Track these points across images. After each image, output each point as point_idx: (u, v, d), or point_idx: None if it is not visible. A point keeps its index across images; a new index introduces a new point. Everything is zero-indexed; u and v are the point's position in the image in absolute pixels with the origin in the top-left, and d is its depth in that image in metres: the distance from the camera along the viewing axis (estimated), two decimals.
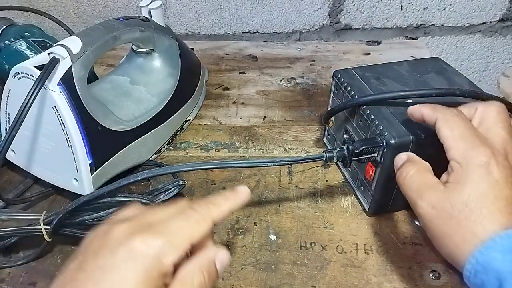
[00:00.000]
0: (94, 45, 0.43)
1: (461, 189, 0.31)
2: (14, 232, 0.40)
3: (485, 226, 0.29)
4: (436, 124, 0.34)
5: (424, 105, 0.36)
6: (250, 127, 0.59)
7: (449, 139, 0.33)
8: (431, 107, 0.35)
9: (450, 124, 0.33)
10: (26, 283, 0.40)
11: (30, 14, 0.78)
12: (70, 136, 0.41)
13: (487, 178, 0.30)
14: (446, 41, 0.84)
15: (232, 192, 0.32)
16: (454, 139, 0.32)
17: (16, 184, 0.49)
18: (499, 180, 0.30)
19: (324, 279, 0.40)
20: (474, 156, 0.31)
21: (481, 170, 0.31)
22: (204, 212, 0.29)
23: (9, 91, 0.43)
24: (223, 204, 0.30)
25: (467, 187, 0.30)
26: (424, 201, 0.32)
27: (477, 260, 0.29)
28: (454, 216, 0.30)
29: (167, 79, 0.55)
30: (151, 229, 0.26)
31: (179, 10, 0.79)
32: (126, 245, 0.25)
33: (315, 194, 0.49)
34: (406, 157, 0.36)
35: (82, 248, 0.27)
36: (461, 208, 0.30)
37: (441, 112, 0.34)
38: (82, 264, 0.26)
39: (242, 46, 0.79)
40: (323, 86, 0.68)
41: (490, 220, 0.29)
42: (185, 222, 0.27)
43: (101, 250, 0.26)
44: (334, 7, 0.79)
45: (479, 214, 0.30)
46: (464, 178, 0.31)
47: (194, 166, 0.38)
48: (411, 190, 0.34)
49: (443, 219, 0.31)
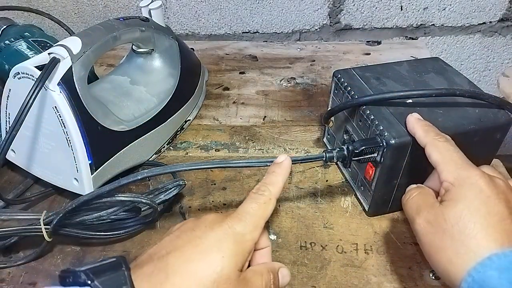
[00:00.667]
0: (94, 45, 0.43)
1: (454, 204, 0.32)
2: (14, 232, 0.40)
3: (479, 242, 0.30)
4: (426, 149, 0.36)
5: (418, 125, 0.38)
6: (250, 127, 0.59)
7: (440, 163, 0.34)
8: (424, 131, 0.37)
9: (440, 149, 0.35)
10: (26, 283, 0.40)
11: (30, 14, 0.78)
12: (70, 136, 0.41)
13: (480, 195, 0.31)
14: (446, 41, 0.84)
15: (277, 165, 0.35)
16: (444, 163, 0.34)
17: (16, 184, 0.49)
18: (491, 197, 0.31)
19: (324, 279, 0.40)
20: (466, 176, 0.32)
21: (474, 188, 0.32)
22: (267, 193, 0.33)
23: (9, 91, 0.43)
24: (277, 181, 0.34)
25: (461, 203, 0.31)
26: (421, 218, 0.33)
27: (474, 278, 0.29)
28: (448, 230, 0.31)
29: (167, 79, 0.55)
30: (233, 215, 0.31)
31: (179, 10, 0.79)
32: (219, 224, 0.30)
33: (315, 194, 0.49)
34: (416, 185, 0.38)
35: (175, 229, 0.32)
36: (455, 222, 0.31)
37: (431, 137, 0.36)
38: (180, 234, 0.30)
39: (242, 46, 0.79)
40: (323, 86, 0.68)
41: (484, 236, 0.30)
42: (256, 205, 0.32)
43: (196, 226, 0.31)
44: (334, 7, 0.79)
45: (473, 228, 0.30)
46: (458, 196, 0.32)
47: (194, 166, 0.38)
48: (411, 209, 0.35)
49: (437, 233, 0.32)
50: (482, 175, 0.32)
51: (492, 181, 0.32)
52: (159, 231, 0.45)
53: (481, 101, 0.43)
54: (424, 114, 0.42)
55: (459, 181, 0.32)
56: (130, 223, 0.43)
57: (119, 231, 0.42)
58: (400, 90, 0.45)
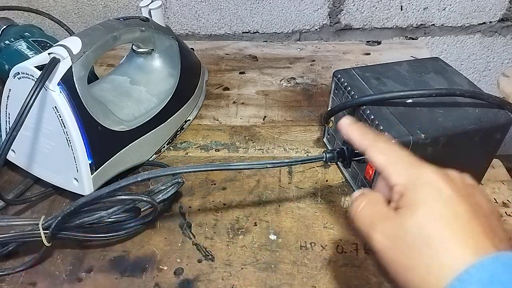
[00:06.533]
0: (94, 45, 0.43)
1: (413, 212, 0.27)
2: (12, 239, 0.39)
3: (450, 253, 0.25)
4: (367, 153, 0.32)
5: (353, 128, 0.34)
6: (250, 127, 0.59)
7: (386, 166, 0.30)
8: (360, 134, 0.33)
9: (383, 150, 0.31)
10: (26, 283, 0.40)
11: (30, 14, 0.78)
12: (70, 136, 0.41)
13: (439, 196, 0.27)
14: (446, 41, 0.84)
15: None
16: (391, 164, 0.30)
17: (16, 184, 0.49)
18: (453, 196, 0.27)
19: (324, 279, 0.40)
20: (419, 174, 0.28)
21: (430, 188, 0.27)
22: None
23: (9, 91, 0.43)
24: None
25: (420, 209, 0.27)
26: (378, 233, 0.28)
27: None
28: (412, 244, 0.26)
29: (167, 79, 0.55)
30: None
31: (179, 10, 0.79)
32: None
33: (315, 194, 0.49)
34: (359, 193, 0.32)
35: None
36: (418, 233, 0.26)
37: (370, 139, 0.32)
38: None
39: (242, 46, 0.79)
40: (323, 86, 0.68)
41: (455, 245, 0.25)
42: None
43: None
44: (334, 7, 0.79)
45: (440, 238, 0.25)
46: (414, 200, 0.27)
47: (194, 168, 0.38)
48: (363, 223, 0.29)
49: (401, 249, 0.27)
50: (436, 171, 0.28)
51: (448, 177, 0.28)
52: (159, 231, 0.45)
53: (481, 101, 0.43)
54: (424, 114, 0.42)
55: (412, 181, 0.28)
56: (130, 223, 0.43)
57: (119, 232, 0.42)
58: (400, 90, 0.45)
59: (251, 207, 0.47)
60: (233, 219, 0.46)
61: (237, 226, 0.45)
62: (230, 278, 0.40)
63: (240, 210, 0.47)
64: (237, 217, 0.46)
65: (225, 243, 0.44)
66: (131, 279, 0.40)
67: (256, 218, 0.46)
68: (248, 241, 0.44)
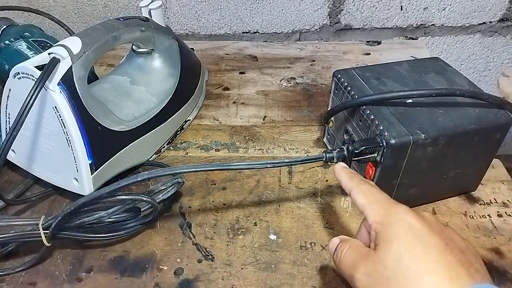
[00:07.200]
0: (94, 45, 0.43)
1: (388, 246, 0.30)
2: (12, 239, 0.39)
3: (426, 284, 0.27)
4: (351, 194, 0.35)
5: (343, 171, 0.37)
6: (250, 127, 0.59)
7: (365, 205, 0.33)
8: (349, 177, 0.36)
9: (364, 192, 0.34)
10: (26, 283, 0.40)
11: (30, 14, 0.78)
12: (70, 136, 0.41)
13: (411, 230, 0.30)
14: (446, 41, 0.84)
15: None
16: (370, 204, 0.33)
17: (16, 184, 0.49)
18: (423, 229, 0.29)
19: (324, 279, 0.40)
20: (393, 213, 0.31)
21: (403, 224, 0.30)
22: None
23: (9, 91, 0.43)
24: None
25: (395, 243, 0.29)
26: (359, 272, 0.30)
27: None
28: (391, 277, 0.28)
29: (167, 79, 0.55)
30: None
31: (179, 10, 0.79)
32: None
33: (315, 194, 0.49)
34: (339, 240, 0.35)
35: None
36: (396, 266, 0.28)
37: (355, 182, 0.35)
38: None
39: (242, 46, 0.79)
40: (323, 86, 0.68)
41: (430, 275, 0.27)
42: None
43: None
44: (334, 7, 0.79)
45: (416, 268, 0.28)
46: (389, 235, 0.30)
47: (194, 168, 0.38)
48: (346, 266, 0.32)
49: (381, 284, 0.29)
50: (408, 210, 0.31)
51: (419, 215, 0.31)
52: (159, 231, 0.45)
53: (481, 101, 0.43)
54: (424, 114, 0.42)
55: (387, 219, 0.31)
56: (130, 223, 0.43)
57: (119, 232, 0.42)
58: (400, 90, 0.45)
59: (251, 207, 0.47)
60: (233, 219, 0.46)
61: (237, 226, 0.45)
62: (230, 278, 0.40)
63: (240, 210, 0.47)
64: (237, 217, 0.46)
65: (225, 243, 0.44)
66: (131, 279, 0.40)
67: (256, 218, 0.46)
68: (248, 241, 0.44)
